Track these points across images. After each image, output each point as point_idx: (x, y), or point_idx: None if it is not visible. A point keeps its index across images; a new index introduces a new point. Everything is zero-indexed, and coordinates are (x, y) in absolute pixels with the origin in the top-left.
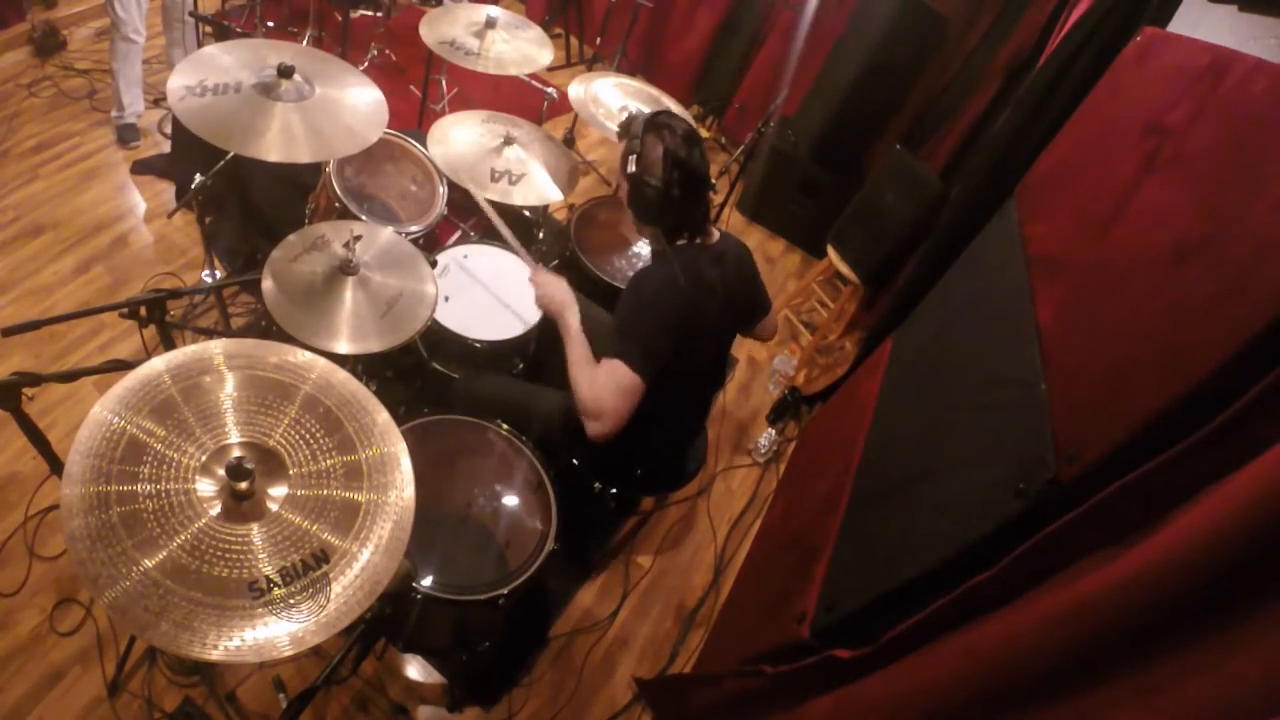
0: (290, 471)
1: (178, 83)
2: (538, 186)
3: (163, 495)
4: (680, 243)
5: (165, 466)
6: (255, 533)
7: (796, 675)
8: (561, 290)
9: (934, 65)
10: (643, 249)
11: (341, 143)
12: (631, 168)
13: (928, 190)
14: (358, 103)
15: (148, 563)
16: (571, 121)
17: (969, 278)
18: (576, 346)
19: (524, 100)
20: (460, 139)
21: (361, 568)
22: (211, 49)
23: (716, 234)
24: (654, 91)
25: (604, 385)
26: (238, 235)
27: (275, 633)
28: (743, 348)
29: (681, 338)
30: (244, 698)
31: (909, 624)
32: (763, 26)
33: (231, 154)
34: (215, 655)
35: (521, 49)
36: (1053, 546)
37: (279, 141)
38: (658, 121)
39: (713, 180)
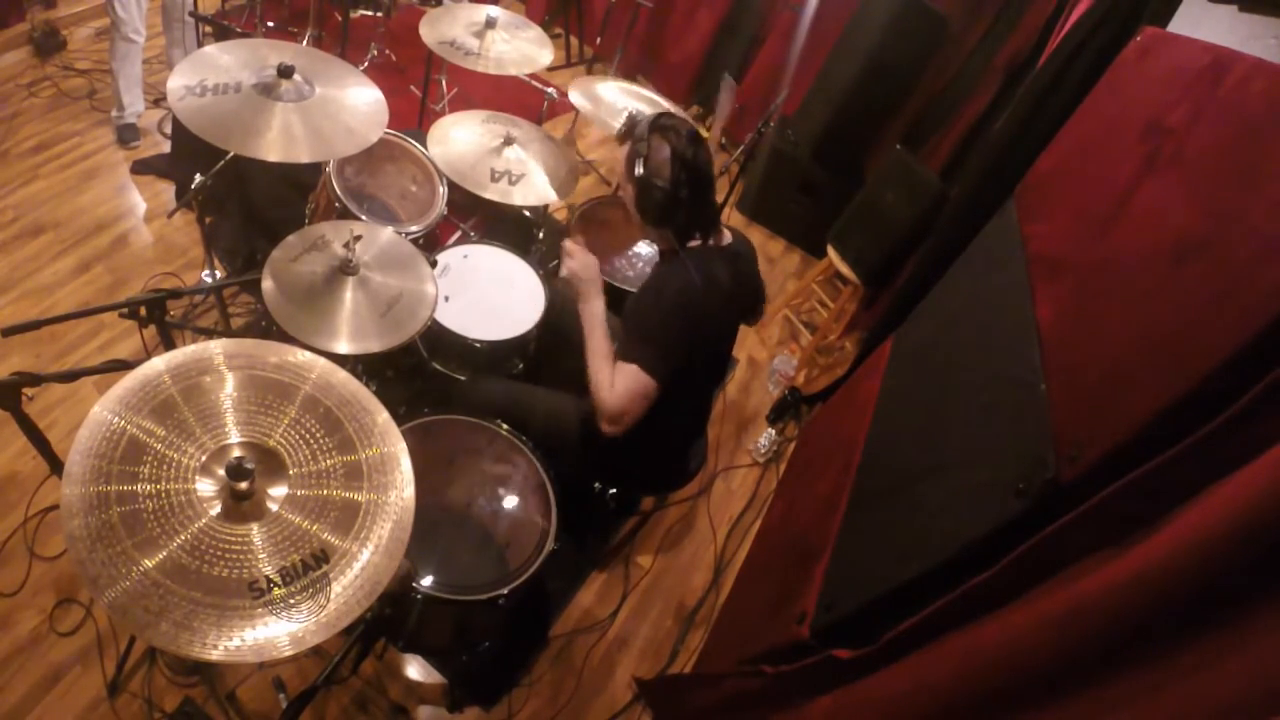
0: (290, 471)
1: (178, 82)
2: (538, 186)
3: (163, 495)
4: (693, 244)
5: (165, 466)
6: (255, 533)
7: (796, 675)
8: (592, 267)
9: (934, 65)
10: (642, 249)
11: (341, 143)
12: (639, 170)
13: (928, 190)
14: (358, 103)
15: (148, 563)
16: (571, 121)
17: (969, 278)
18: (599, 336)
19: (524, 100)
20: (460, 139)
21: (361, 567)
22: (211, 49)
23: (728, 234)
24: (653, 94)
25: (622, 392)
26: (238, 235)
27: (275, 632)
28: (743, 348)
29: (694, 340)
30: (244, 698)
31: (909, 624)
32: (763, 26)
33: (231, 154)
34: (215, 655)
35: (521, 49)
36: (1053, 546)
37: (279, 141)
38: (662, 123)
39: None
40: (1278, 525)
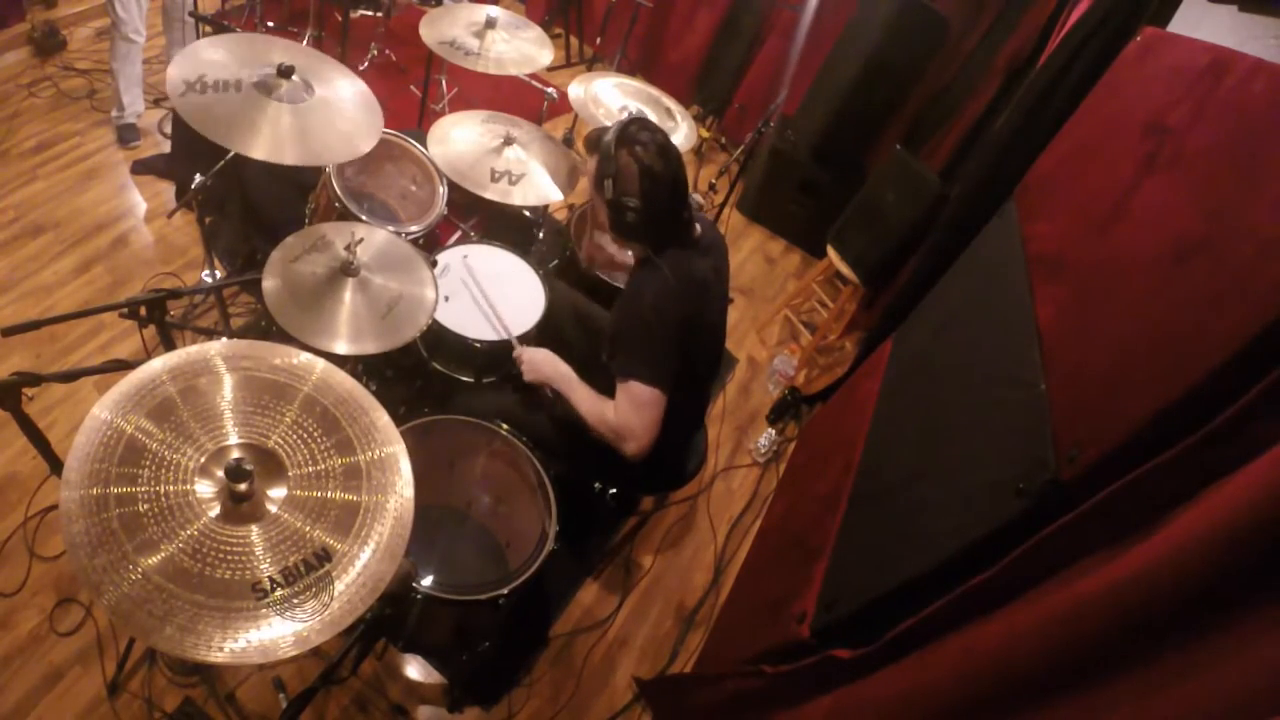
0: (289, 473)
1: (177, 76)
2: (538, 186)
3: (162, 497)
4: (669, 251)
5: (164, 468)
6: (255, 534)
7: (796, 675)
8: (546, 360)
9: (934, 65)
10: None
11: (332, 150)
12: (608, 193)
13: (928, 190)
14: (351, 109)
15: (149, 566)
16: (571, 121)
17: (969, 278)
18: (580, 392)
19: (524, 100)
20: (460, 139)
21: (362, 567)
22: (205, 42)
23: (698, 227)
24: (654, 91)
25: (624, 409)
26: (238, 235)
27: (279, 633)
28: (743, 348)
29: (685, 340)
30: (244, 698)
31: (909, 624)
32: (763, 26)
33: (232, 154)
34: (220, 658)
35: (521, 49)
36: (1053, 546)
37: (270, 141)
38: (628, 135)
39: (712, 181)
40: (1278, 525)
